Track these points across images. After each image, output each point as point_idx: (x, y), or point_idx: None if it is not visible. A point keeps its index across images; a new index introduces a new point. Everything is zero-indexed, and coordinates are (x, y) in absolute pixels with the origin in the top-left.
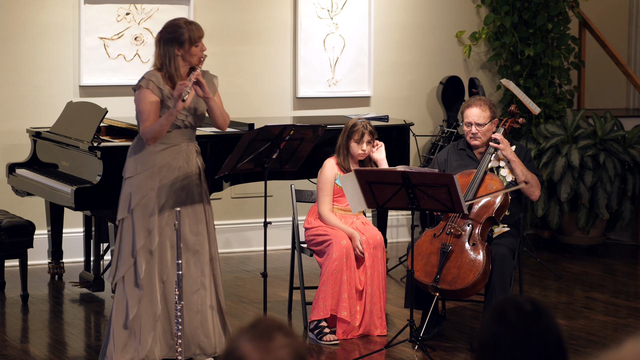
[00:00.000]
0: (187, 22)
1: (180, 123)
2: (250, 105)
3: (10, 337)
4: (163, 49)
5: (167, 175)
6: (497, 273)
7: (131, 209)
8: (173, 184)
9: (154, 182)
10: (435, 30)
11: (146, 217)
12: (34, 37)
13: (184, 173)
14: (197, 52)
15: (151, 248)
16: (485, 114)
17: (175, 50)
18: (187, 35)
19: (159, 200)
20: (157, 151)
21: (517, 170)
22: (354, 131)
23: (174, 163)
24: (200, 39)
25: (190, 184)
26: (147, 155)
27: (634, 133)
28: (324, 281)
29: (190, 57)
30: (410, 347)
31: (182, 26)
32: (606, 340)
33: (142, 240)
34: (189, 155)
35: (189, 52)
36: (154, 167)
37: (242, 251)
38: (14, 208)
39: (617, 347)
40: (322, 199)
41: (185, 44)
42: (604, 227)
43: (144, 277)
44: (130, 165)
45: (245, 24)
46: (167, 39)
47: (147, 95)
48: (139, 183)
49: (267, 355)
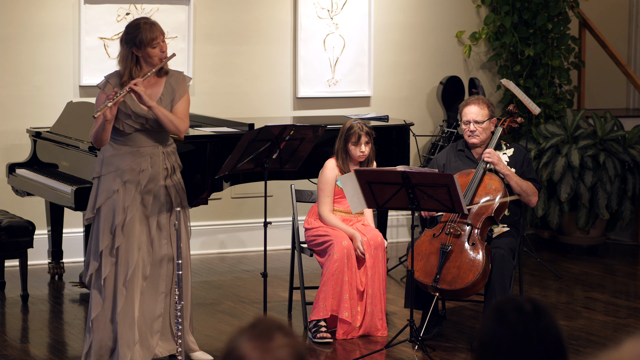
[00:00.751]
0: (144, 23)
1: (140, 126)
2: (250, 105)
3: (10, 337)
4: (124, 49)
5: (131, 179)
6: (496, 273)
7: (96, 208)
8: (137, 186)
9: (117, 184)
10: (435, 30)
11: (110, 219)
12: (34, 37)
13: (147, 176)
14: (155, 53)
15: (114, 250)
16: (483, 111)
17: (134, 51)
18: (141, 36)
19: (123, 203)
20: (120, 154)
21: (512, 183)
22: (350, 134)
23: (137, 167)
24: (155, 40)
25: (156, 186)
26: (111, 157)
27: (634, 133)
28: (324, 281)
29: (150, 58)
30: (410, 347)
31: (139, 27)
32: (606, 340)
33: (106, 242)
34: (154, 159)
35: (147, 53)
36: (117, 170)
37: (242, 251)
38: (14, 208)
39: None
40: (322, 200)
41: (142, 45)
42: (604, 227)
43: (106, 278)
44: (97, 165)
45: (245, 24)
46: (126, 39)
47: (100, 97)
48: (103, 184)
49: (267, 355)
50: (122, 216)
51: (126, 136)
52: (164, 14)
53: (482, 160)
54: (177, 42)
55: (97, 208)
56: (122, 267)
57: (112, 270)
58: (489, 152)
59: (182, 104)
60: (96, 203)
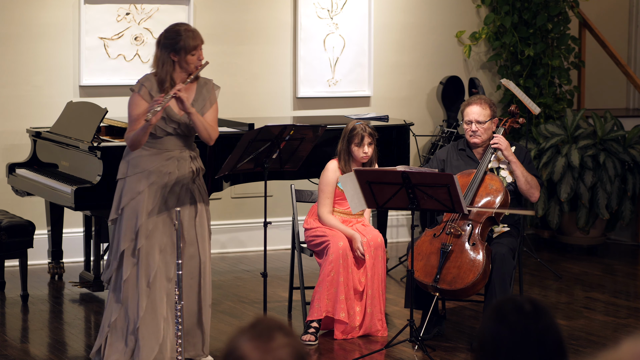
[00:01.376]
0: (186, 30)
1: (172, 130)
2: (250, 105)
3: (10, 337)
4: (160, 53)
5: (157, 181)
6: (497, 273)
7: (120, 209)
8: (163, 188)
9: (143, 186)
10: (435, 30)
11: (133, 220)
12: (34, 37)
13: (174, 179)
14: (193, 60)
15: (135, 251)
16: (485, 112)
17: (171, 56)
18: (182, 43)
19: (147, 204)
20: (147, 155)
21: (517, 171)
22: (353, 135)
23: (164, 169)
24: (195, 48)
25: (181, 190)
26: (138, 158)
27: (633, 133)
28: (319, 282)
29: (187, 65)
30: (410, 347)
31: (180, 33)
32: (606, 340)
33: (128, 242)
34: (181, 162)
35: (184, 59)
36: (143, 171)
37: (242, 251)
38: (14, 208)
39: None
40: (322, 201)
41: (181, 51)
42: (604, 227)
43: (127, 280)
44: (122, 167)
45: (245, 24)
46: (164, 44)
47: (137, 100)
48: (129, 185)
49: (267, 355)
50: (144, 218)
51: (156, 139)
52: (164, 14)
53: (487, 153)
54: None
55: (122, 208)
56: (144, 268)
57: (133, 271)
58: (498, 137)
59: (213, 112)
60: (120, 203)
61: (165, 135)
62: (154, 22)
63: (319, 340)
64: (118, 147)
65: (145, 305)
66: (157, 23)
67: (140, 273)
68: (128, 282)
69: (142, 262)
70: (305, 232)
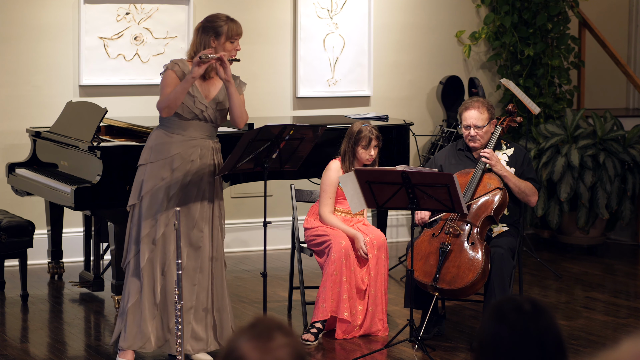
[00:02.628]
0: (228, 18)
1: (199, 113)
2: (250, 105)
3: (10, 337)
4: (200, 37)
5: (180, 167)
6: (496, 272)
7: (141, 196)
8: (184, 177)
9: (166, 172)
10: (435, 30)
11: (154, 206)
12: (34, 37)
13: (196, 167)
14: (230, 48)
15: (155, 237)
16: (483, 116)
17: (211, 40)
18: (225, 28)
19: (168, 192)
20: (172, 141)
21: (510, 184)
22: (361, 137)
23: (187, 156)
24: (237, 36)
25: (202, 180)
26: (162, 145)
27: (633, 133)
28: (323, 283)
29: (224, 52)
30: (410, 347)
31: (222, 19)
32: (606, 340)
33: (148, 228)
34: (204, 151)
35: (222, 45)
36: (167, 157)
37: (241, 251)
38: (14, 208)
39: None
40: (323, 201)
41: (222, 36)
42: (603, 227)
43: (144, 266)
44: (145, 152)
45: (245, 24)
46: (206, 27)
47: (170, 75)
48: (151, 171)
49: (267, 355)
50: (166, 204)
51: (182, 121)
52: (164, 14)
53: (480, 161)
54: (177, 42)
55: (142, 195)
56: (160, 256)
57: (150, 258)
58: (487, 153)
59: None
60: (142, 189)
61: (192, 117)
62: (153, 22)
63: (319, 339)
64: (118, 147)
65: (160, 291)
66: (156, 23)
67: (157, 261)
68: (145, 269)
69: (158, 249)
70: (305, 231)
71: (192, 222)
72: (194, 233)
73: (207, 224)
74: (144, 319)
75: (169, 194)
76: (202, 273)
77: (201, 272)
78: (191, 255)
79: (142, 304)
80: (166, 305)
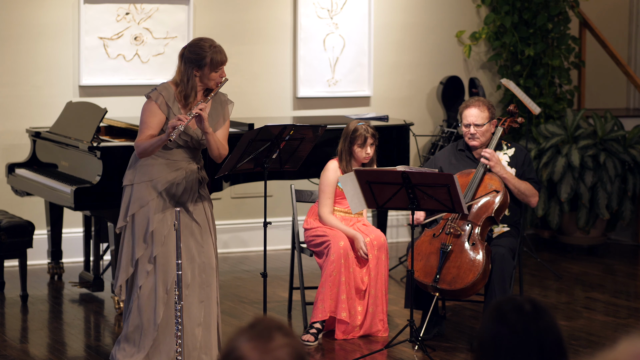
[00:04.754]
0: (212, 46)
1: (182, 143)
2: (250, 105)
3: (10, 338)
4: (184, 67)
5: (165, 191)
6: (496, 273)
7: (129, 216)
8: (172, 198)
9: (152, 194)
10: (435, 30)
11: (144, 226)
12: (33, 37)
13: (182, 190)
14: (215, 77)
15: (151, 257)
16: (483, 114)
17: (194, 71)
18: (208, 59)
19: (156, 210)
20: (156, 164)
21: (510, 185)
22: (356, 136)
23: (172, 179)
24: (221, 65)
25: (189, 199)
26: (146, 167)
27: (634, 133)
28: (322, 283)
29: (208, 80)
30: (410, 347)
31: (205, 50)
32: (606, 340)
33: (142, 250)
34: (188, 174)
35: (207, 76)
36: (151, 180)
37: (241, 251)
38: (14, 208)
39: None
40: (323, 201)
41: (205, 67)
42: (604, 227)
43: (143, 287)
44: (129, 174)
45: (245, 24)
46: (189, 58)
47: (152, 108)
48: (138, 193)
49: (267, 355)
50: (156, 223)
51: (166, 150)
52: (164, 14)
53: (481, 162)
54: (177, 42)
55: (131, 215)
56: (162, 275)
57: (150, 279)
58: (488, 153)
59: (224, 130)
60: (129, 211)
61: (175, 147)
62: (153, 22)
63: (319, 340)
64: (118, 147)
65: (163, 312)
66: (156, 23)
67: (158, 281)
68: (143, 290)
69: (159, 269)
70: (305, 232)
71: (192, 238)
72: (195, 248)
73: (208, 237)
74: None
75: (158, 214)
76: (210, 287)
77: (208, 286)
78: (195, 272)
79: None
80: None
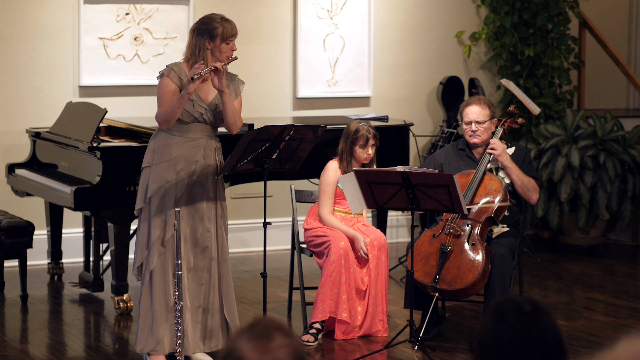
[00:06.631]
0: (223, 19)
1: (198, 116)
2: (250, 105)
3: (10, 338)
4: (195, 39)
5: (184, 169)
6: (496, 273)
7: (148, 198)
8: (189, 177)
9: (170, 174)
10: (435, 30)
11: (163, 209)
12: (33, 37)
13: (200, 168)
14: (226, 49)
15: (164, 239)
16: (484, 112)
17: (206, 42)
18: (220, 30)
19: (175, 193)
20: (174, 143)
21: (513, 176)
22: (358, 137)
23: (191, 157)
24: (232, 37)
25: (207, 180)
26: (165, 147)
27: (634, 133)
28: (322, 283)
29: (220, 53)
30: (410, 348)
31: (217, 21)
32: (606, 340)
33: (158, 231)
34: (206, 151)
35: (218, 47)
36: (170, 159)
37: (241, 251)
38: (14, 208)
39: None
40: (323, 202)
41: (217, 38)
42: (604, 228)
43: (155, 270)
44: (148, 155)
45: (245, 24)
46: (201, 29)
47: (166, 82)
48: (156, 174)
49: (266, 355)
50: (173, 206)
51: (183, 125)
52: (164, 14)
53: (485, 153)
54: (177, 42)
55: (149, 198)
56: (172, 257)
57: (161, 260)
58: (494, 143)
59: (238, 103)
60: (147, 193)
61: (191, 121)
62: (153, 22)
63: (319, 340)
64: (118, 148)
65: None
66: (156, 23)
67: (168, 262)
68: (156, 272)
69: (169, 251)
70: (305, 232)
71: (200, 222)
72: (202, 233)
73: (212, 224)
74: (155, 322)
75: (176, 195)
76: (210, 273)
77: (208, 272)
78: (198, 256)
79: (153, 308)
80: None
